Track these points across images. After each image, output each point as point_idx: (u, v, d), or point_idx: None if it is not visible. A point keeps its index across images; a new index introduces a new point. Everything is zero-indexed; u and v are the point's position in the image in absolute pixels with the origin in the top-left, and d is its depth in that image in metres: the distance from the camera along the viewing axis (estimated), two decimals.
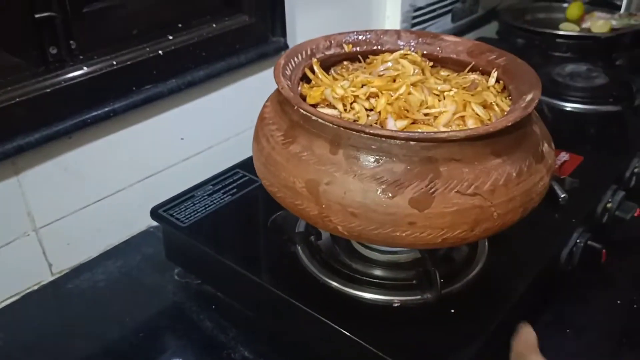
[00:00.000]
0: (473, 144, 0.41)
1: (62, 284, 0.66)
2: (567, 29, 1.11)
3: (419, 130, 0.44)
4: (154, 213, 0.62)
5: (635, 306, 0.60)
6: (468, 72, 0.54)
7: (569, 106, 0.85)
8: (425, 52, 0.56)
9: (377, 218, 0.41)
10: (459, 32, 1.15)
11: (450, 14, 1.11)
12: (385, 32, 0.58)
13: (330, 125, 0.42)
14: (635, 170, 0.73)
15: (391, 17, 0.98)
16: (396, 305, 0.50)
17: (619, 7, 1.19)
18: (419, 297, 0.50)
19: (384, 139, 0.41)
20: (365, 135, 0.41)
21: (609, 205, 0.66)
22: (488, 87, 0.50)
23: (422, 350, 0.46)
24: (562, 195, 0.62)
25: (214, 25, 0.71)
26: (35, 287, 0.64)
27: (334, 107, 0.47)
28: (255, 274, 0.55)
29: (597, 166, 0.70)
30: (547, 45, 1.05)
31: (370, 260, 0.55)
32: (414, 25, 1.02)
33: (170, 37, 0.67)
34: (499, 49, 0.54)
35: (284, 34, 0.78)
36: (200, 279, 0.64)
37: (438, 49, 0.57)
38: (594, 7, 1.18)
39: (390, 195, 0.41)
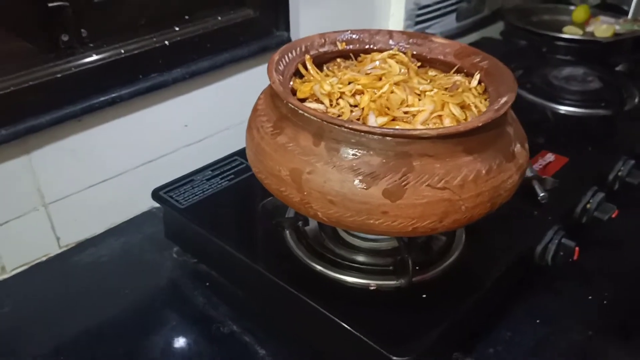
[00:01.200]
0: (445, 142, 0.45)
1: (68, 257, 0.70)
2: (570, 32, 1.12)
3: (397, 127, 0.47)
4: (155, 194, 0.66)
5: (605, 302, 0.63)
6: (454, 73, 0.57)
7: (562, 109, 0.88)
8: (414, 53, 0.59)
9: (353, 206, 0.45)
10: (463, 32, 1.17)
11: (455, 13, 1.13)
12: (378, 31, 0.61)
13: (314, 119, 0.45)
14: (620, 173, 0.75)
15: (395, 14, 1.00)
16: (372, 288, 0.54)
17: (627, 12, 1.21)
18: (393, 282, 0.53)
19: (362, 133, 0.44)
20: (345, 130, 0.44)
21: (588, 205, 0.69)
22: (470, 89, 0.53)
23: (390, 329, 0.49)
24: (542, 194, 0.65)
25: (219, 18, 0.75)
26: (44, 259, 0.69)
27: (322, 102, 0.50)
28: (245, 255, 0.58)
29: (580, 168, 0.73)
30: (548, 48, 1.07)
31: (353, 246, 0.58)
32: (417, 23, 1.04)
33: (177, 28, 0.71)
34: (483, 52, 0.57)
35: (287, 29, 0.82)
36: (196, 258, 0.68)
37: (427, 50, 0.60)
38: (601, 11, 1.19)
39: (365, 186, 0.44)
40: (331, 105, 0.50)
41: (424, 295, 0.53)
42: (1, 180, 0.61)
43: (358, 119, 0.48)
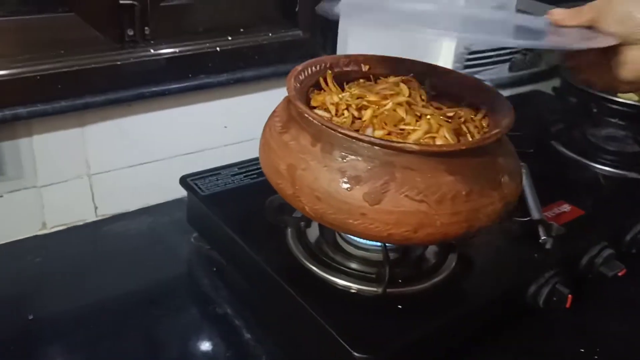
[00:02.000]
0: (429, 159, 0.48)
1: (101, 226, 0.78)
2: (625, 97, 1.12)
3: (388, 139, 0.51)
4: (183, 180, 0.73)
5: (595, 357, 0.62)
6: (465, 106, 0.60)
7: (594, 166, 0.88)
8: (432, 83, 0.64)
9: (335, 204, 0.49)
10: (515, 83, 1.19)
11: (509, 63, 1.16)
12: (403, 60, 0.66)
13: (315, 122, 0.50)
14: (639, 236, 0.75)
15: (445, 55, 1.05)
16: (353, 291, 0.57)
17: None
18: (372, 288, 0.56)
19: (353, 140, 0.49)
20: (339, 134, 0.49)
21: (596, 260, 0.69)
22: (472, 119, 0.56)
23: (358, 329, 0.52)
24: (543, 238, 0.66)
25: (270, 34, 0.82)
26: (80, 223, 0.77)
27: (329, 111, 0.55)
28: (248, 245, 0.63)
29: (594, 222, 0.73)
30: (599, 108, 1.07)
31: (347, 253, 0.62)
32: (467, 67, 1.08)
33: (229, 38, 0.79)
34: (496, 89, 0.60)
35: (334, 52, 0.88)
36: (210, 245, 0.74)
37: (445, 80, 0.63)
38: None
39: (349, 187, 0.48)
40: (337, 114, 0.55)
41: (400, 306, 0.56)
42: (55, 145, 0.70)
43: (357, 130, 0.53)
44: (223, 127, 0.84)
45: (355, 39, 0.90)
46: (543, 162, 0.87)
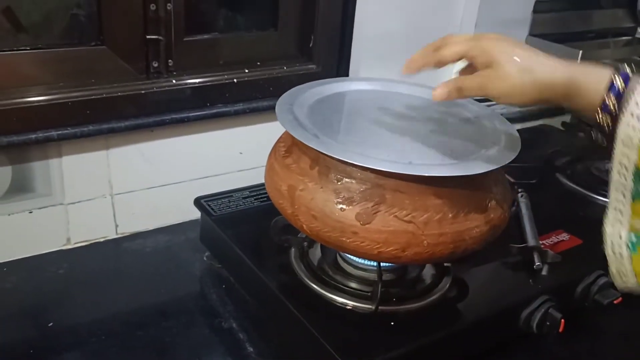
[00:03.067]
0: (417, 183, 0.52)
1: (121, 242, 0.83)
2: None
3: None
4: (197, 201, 0.78)
5: None
6: None
7: (595, 197, 0.90)
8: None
9: (330, 223, 0.53)
10: (525, 117, 1.22)
11: None
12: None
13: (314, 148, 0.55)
14: None
15: None
16: (348, 307, 0.60)
17: None
18: (366, 305, 0.59)
19: (347, 164, 0.53)
20: (334, 159, 0.53)
21: (591, 287, 0.71)
22: None
23: (349, 343, 0.55)
24: (537, 264, 0.69)
25: (285, 68, 0.88)
26: (102, 240, 0.83)
27: None
28: (253, 263, 0.68)
29: (592, 252, 0.74)
30: (608, 143, 1.09)
31: (346, 272, 0.65)
32: (480, 100, 1.11)
33: (246, 71, 0.84)
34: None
35: None
36: (220, 264, 0.78)
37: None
38: None
39: (343, 207, 0.52)
40: None
41: (392, 323, 0.59)
42: (82, 166, 0.76)
43: None
44: (239, 154, 0.89)
45: (367, 73, 0.95)
46: (546, 193, 0.90)
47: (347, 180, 0.53)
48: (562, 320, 0.65)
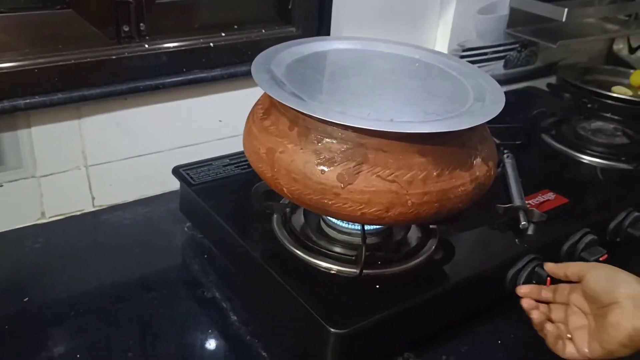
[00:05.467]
0: (400, 141, 0.50)
1: (98, 215, 0.81)
2: (619, 92, 1.12)
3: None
4: (175, 170, 0.76)
5: None
6: None
7: (581, 157, 0.89)
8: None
9: (311, 185, 0.51)
10: (510, 79, 1.20)
11: (503, 60, 1.17)
12: None
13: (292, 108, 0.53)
14: (622, 223, 0.76)
15: (438, 49, 1.06)
16: (333, 272, 0.59)
17: None
18: (350, 269, 0.58)
19: (327, 123, 0.51)
20: (314, 119, 0.51)
21: (577, 245, 0.70)
22: None
23: (336, 307, 0.54)
24: (523, 223, 0.68)
25: (263, 31, 0.85)
26: (78, 213, 0.80)
27: None
28: (235, 230, 0.66)
29: (577, 210, 0.75)
30: (592, 104, 1.08)
31: (330, 237, 0.64)
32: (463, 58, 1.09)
33: (223, 34, 0.81)
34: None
35: None
36: (202, 234, 0.76)
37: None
38: None
39: (323, 168, 0.51)
40: None
41: (377, 286, 0.57)
42: (53, 137, 0.73)
43: None
44: (218, 121, 0.87)
45: (348, 35, 0.92)
46: (531, 154, 0.89)
47: (327, 140, 0.51)
48: (549, 278, 0.64)
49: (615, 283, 0.49)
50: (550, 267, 0.57)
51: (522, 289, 0.56)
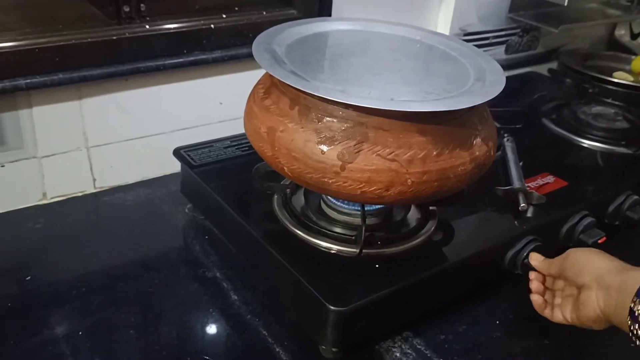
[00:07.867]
0: (400, 120, 0.50)
1: (100, 197, 0.81)
2: (619, 77, 1.12)
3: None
4: (176, 152, 0.76)
5: None
6: None
7: (581, 141, 0.89)
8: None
9: (311, 164, 0.51)
10: (511, 65, 1.20)
11: (505, 45, 1.17)
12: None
13: (293, 87, 0.53)
14: (621, 206, 0.76)
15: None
16: (333, 252, 0.59)
17: None
18: (350, 249, 0.59)
19: (328, 102, 0.51)
20: (315, 98, 0.51)
21: (576, 228, 0.71)
22: None
23: (334, 286, 0.55)
24: (522, 205, 0.68)
25: (264, 13, 0.84)
26: (80, 194, 0.81)
27: None
28: (235, 210, 0.66)
29: (577, 193, 0.75)
30: (593, 89, 1.08)
31: (330, 218, 0.64)
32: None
33: (224, 16, 0.81)
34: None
35: None
36: (202, 214, 0.76)
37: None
38: None
39: (324, 147, 0.51)
40: None
41: (377, 265, 0.58)
42: (54, 117, 0.73)
43: None
44: (218, 103, 0.87)
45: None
46: (531, 137, 0.89)
47: (328, 119, 0.51)
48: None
49: (584, 266, 0.53)
50: (535, 262, 0.60)
51: (535, 258, 0.60)
